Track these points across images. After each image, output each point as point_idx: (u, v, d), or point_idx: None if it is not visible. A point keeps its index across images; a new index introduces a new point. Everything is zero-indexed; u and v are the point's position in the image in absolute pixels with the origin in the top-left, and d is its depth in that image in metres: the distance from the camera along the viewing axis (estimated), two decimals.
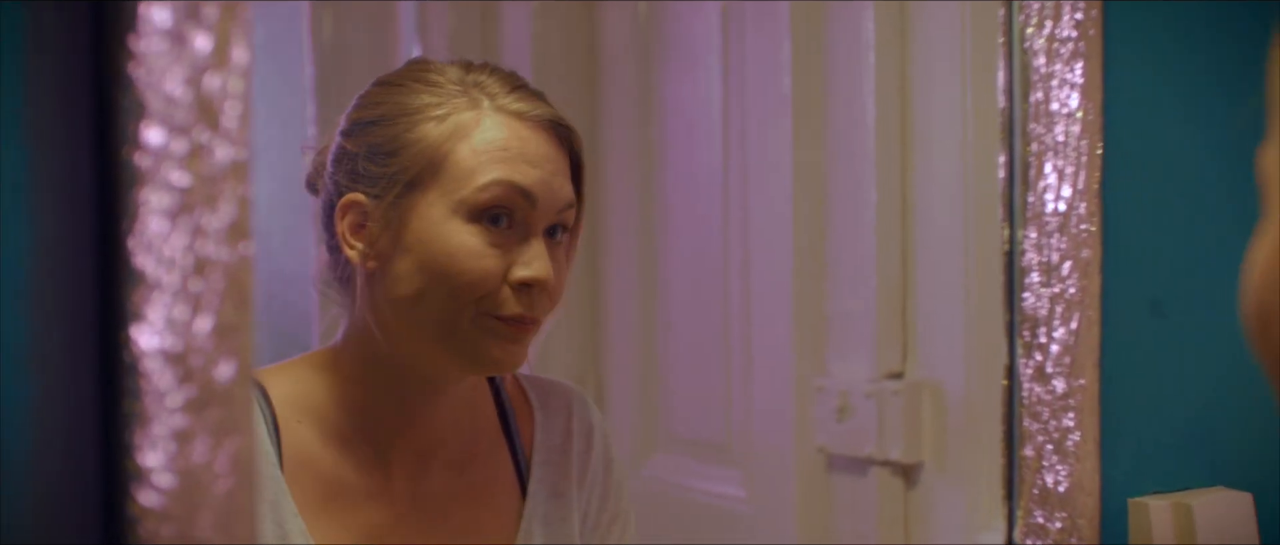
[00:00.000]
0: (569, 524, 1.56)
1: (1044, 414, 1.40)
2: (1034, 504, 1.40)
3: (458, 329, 1.38)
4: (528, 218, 1.39)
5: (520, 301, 1.38)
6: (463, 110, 1.40)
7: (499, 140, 1.39)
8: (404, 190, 1.39)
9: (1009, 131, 1.41)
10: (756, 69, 2.19)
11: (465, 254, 1.37)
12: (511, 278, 1.38)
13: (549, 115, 1.42)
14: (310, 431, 1.45)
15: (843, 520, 2.07)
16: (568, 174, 1.43)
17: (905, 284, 1.95)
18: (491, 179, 1.38)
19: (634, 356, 2.53)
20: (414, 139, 1.40)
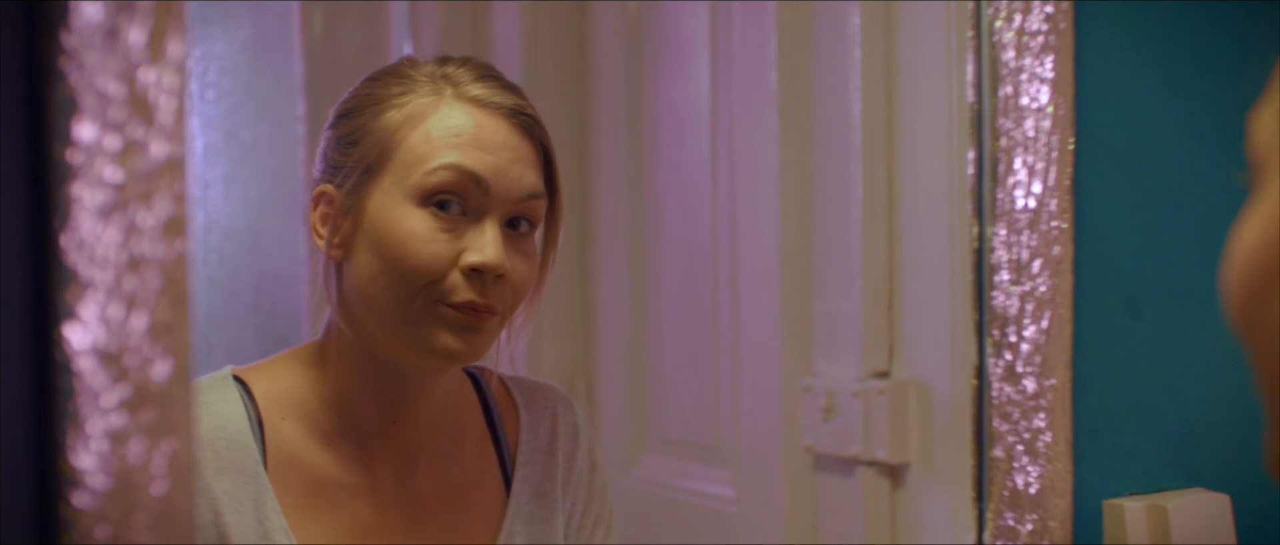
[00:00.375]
0: (552, 524, 1.55)
1: (1014, 414, 1.38)
2: (1004, 506, 1.38)
3: (410, 317, 1.37)
4: (480, 204, 1.38)
5: (471, 288, 1.36)
6: (424, 98, 1.40)
7: (454, 126, 1.38)
8: (362, 178, 1.40)
9: (978, 127, 1.38)
10: (743, 65, 2.18)
11: (413, 239, 1.36)
12: (462, 263, 1.36)
13: (512, 104, 1.41)
14: (295, 428, 1.44)
15: (830, 521, 2.05)
16: (532, 165, 1.42)
17: (891, 283, 1.93)
18: (440, 163, 1.37)
19: (624, 357, 2.52)
20: (374, 127, 1.40)
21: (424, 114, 1.39)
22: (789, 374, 2.10)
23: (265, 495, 1.40)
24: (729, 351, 2.26)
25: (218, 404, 1.43)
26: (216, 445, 1.40)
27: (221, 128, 2.70)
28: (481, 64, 1.45)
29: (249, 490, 1.40)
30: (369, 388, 1.44)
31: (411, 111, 1.39)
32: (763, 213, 2.14)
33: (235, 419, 1.42)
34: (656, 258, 2.45)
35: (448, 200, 1.37)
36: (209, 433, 1.40)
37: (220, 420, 1.42)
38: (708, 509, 2.31)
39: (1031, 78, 1.35)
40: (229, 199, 2.70)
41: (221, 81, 2.69)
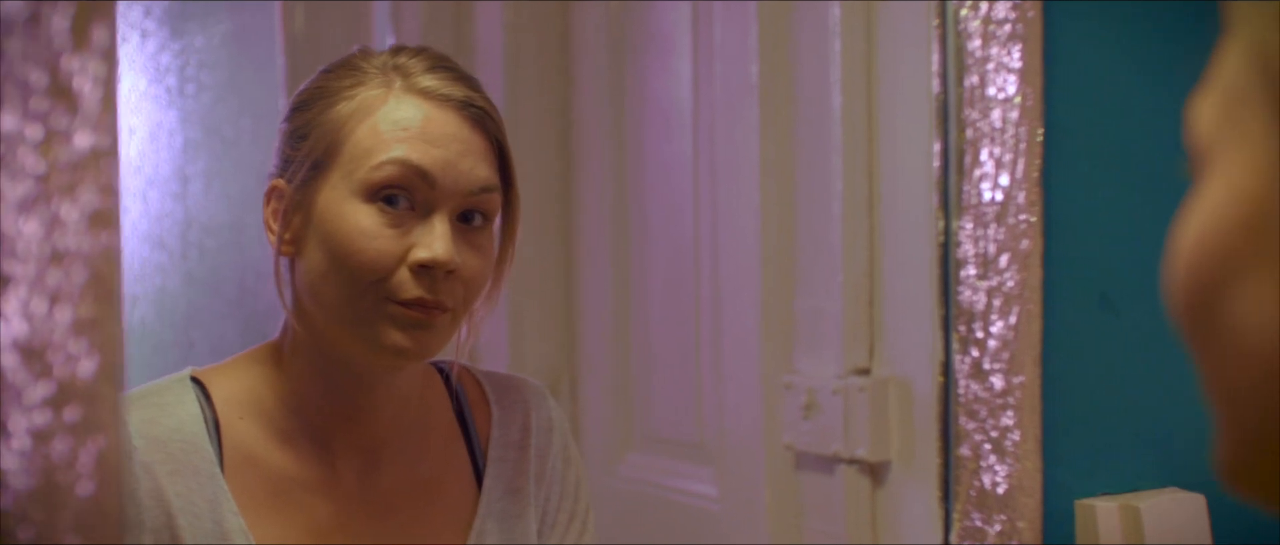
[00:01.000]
0: (525, 521, 1.52)
1: (981, 412, 1.34)
2: (972, 506, 1.35)
3: (359, 314, 1.35)
4: (429, 199, 1.35)
5: (420, 285, 1.34)
6: (373, 90, 1.37)
7: (401, 119, 1.35)
8: (310, 172, 1.37)
9: (943, 118, 1.35)
10: (724, 59, 2.16)
11: (360, 235, 1.33)
12: (410, 260, 1.34)
13: (463, 96, 1.38)
14: (254, 428, 1.42)
15: (812, 520, 2.03)
16: (484, 157, 1.38)
17: (872, 279, 1.90)
18: (386, 157, 1.34)
19: (608, 355, 2.51)
20: (322, 120, 1.38)
21: (372, 107, 1.36)
22: (770, 371, 2.08)
23: (222, 496, 1.38)
24: (711, 349, 2.23)
25: (173, 406, 1.41)
26: (170, 447, 1.38)
27: (202, 123, 2.68)
28: (435, 55, 1.43)
29: (205, 491, 1.38)
30: (325, 385, 1.42)
31: (360, 104, 1.36)
32: (744, 208, 2.12)
33: (190, 420, 1.40)
34: (640, 255, 2.43)
35: (395, 195, 1.34)
36: (163, 434, 1.39)
37: (175, 422, 1.40)
38: (691, 508, 2.30)
39: (998, 67, 1.32)
40: (210, 195, 2.68)
41: (201, 76, 2.68)
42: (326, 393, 1.43)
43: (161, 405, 1.41)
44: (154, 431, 1.38)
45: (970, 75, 1.34)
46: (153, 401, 1.41)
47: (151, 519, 1.36)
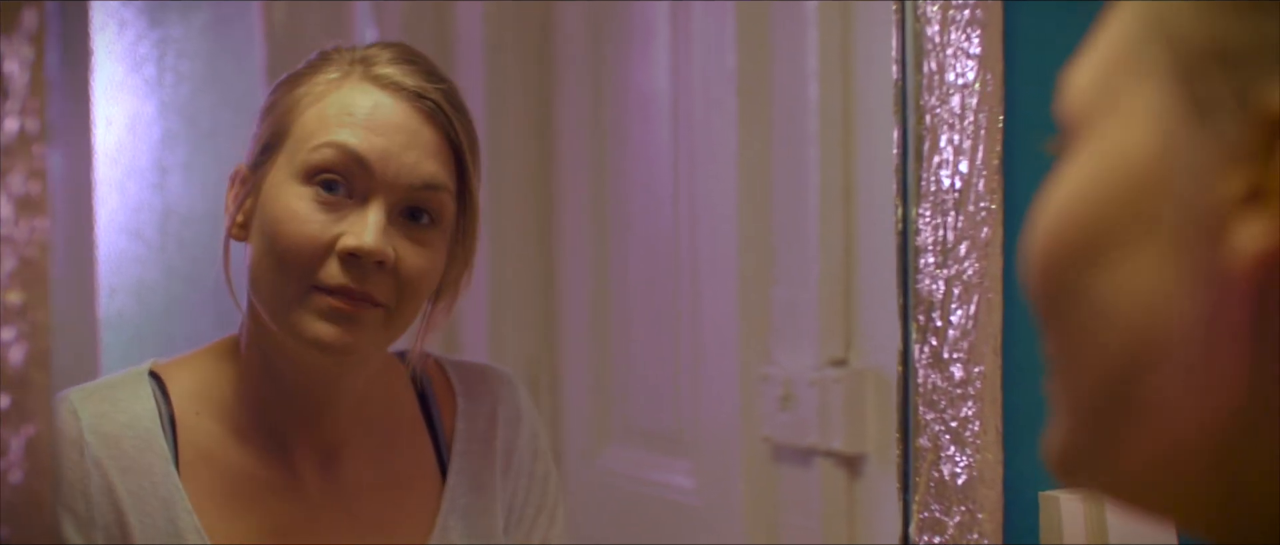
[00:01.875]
0: (490, 516, 1.50)
1: (941, 402, 1.33)
2: (930, 497, 1.33)
3: (285, 302, 1.32)
4: (366, 187, 1.32)
5: (347, 274, 1.30)
6: (331, 75, 1.35)
7: (348, 104, 1.33)
8: (261, 155, 1.36)
9: (901, 104, 1.34)
10: (702, 48, 2.15)
11: (290, 217, 1.31)
12: (338, 247, 1.30)
13: (414, 86, 1.34)
14: (211, 425, 1.40)
15: (789, 513, 2.01)
16: (433, 154, 1.35)
17: (848, 271, 1.89)
18: (323, 140, 1.31)
19: (587, 347, 2.50)
20: (278, 104, 1.37)
21: (325, 92, 1.34)
22: (747, 363, 2.06)
23: (176, 495, 1.36)
24: (690, 340, 2.22)
25: (126, 401, 1.39)
26: (122, 444, 1.36)
27: (181, 114, 2.67)
28: (409, 51, 1.40)
29: (159, 490, 1.36)
30: (280, 381, 1.40)
31: (315, 88, 1.34)
32: (722, 199, 2.10)
33: (144, 416, 1.38)
34: (620, 247, 2.42)
35: (334, 181, 1.31)
36: (115, 430, 1.37)
37: (127, 418, 1.38)
38: (669, 501, 2.28)
39: (958, 53, 1.30)
40: (189, 186, 2.66)
41: (180, 66, 2.66)
42: (282, 389, 1.40)
43: (114, 400, 1.39)
44: (106, 427, 1.36)
45: (929, 61, 1.32)
46: (106, 396, 1.39)
47: (102, 517, 1.35)
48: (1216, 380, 0.58)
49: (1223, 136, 0.57)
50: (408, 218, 1.34)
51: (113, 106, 2.69)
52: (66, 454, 1.34)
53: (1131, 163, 0.61)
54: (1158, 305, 0.59)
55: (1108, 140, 0.62)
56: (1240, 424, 0.58)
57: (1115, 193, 0.61)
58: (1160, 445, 0.60)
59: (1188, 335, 0.58)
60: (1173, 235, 0.59)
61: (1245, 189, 0.56)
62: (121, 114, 2.71)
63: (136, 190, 2.71)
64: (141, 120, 2.72)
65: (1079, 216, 0.62)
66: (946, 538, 1.33)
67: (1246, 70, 0.57)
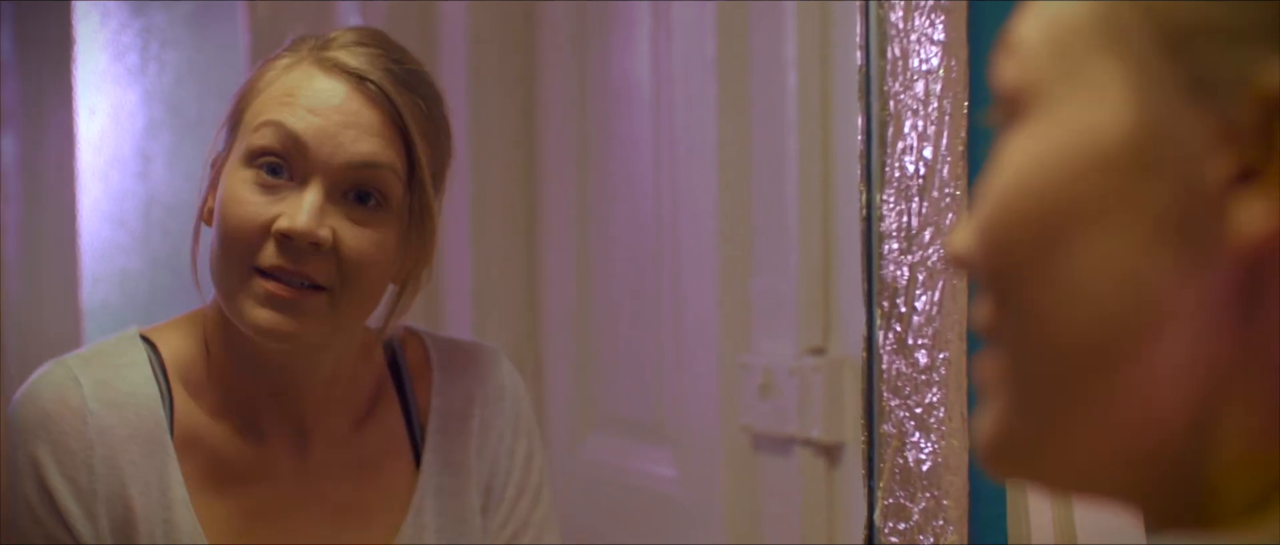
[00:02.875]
0: (464, 497, 1.49)
1: (906, 388, 1.33)
2: (896, 484, 1.33)
3: (229, 285, 1.33)
4: (304, 168, 1.31)
5: (282, 255, 1.30)
6: (284, 61, 1.36)
7: (290, 87, 1.33)
8: (223, 141, 1.38)
9: (865, 90, 1.33)
10: (683, 37, 2.14)
11: (231, 199, 1.32)
12: (273, 228, 1.30)
13: (358, 68, 1.34)
14: (196, 401, 1.41)
15: (769, 501, 2.01)
16: (376, 133, 1.33)
17: (827, 260, 1.89)
18: (262, 120, 1.32)
19: (571, 335, 2.49)
20: (241, 91, 1.38)
21: (275, 78, 1.35)
22: (727, 351, 2.06)
23: (171, 466, 1.37)
24: (671, 329, 2.22)
25: (127, 368, 1.38)
26: (126, 412, 1.36)
27: (164, 102, 2.67)
28: (367, 34, 1.40)
29: (155, 459, 1.36)
30: (245, 362, 1.40)
31: (268, 75, 1.36)
32: (702, 188, 2.10)
33: (144, 383, 1.38)
34: (602, 236, 2.41)
35: (275, 164, 1.31)
36: (119, 398, 1.36)
37: (129, 386, 1.37)
38: (651, 490, 2.28)
39: (922, 38, 1.30)
40: (172, 175, 2.66)
41: (164, 55, 2.66)
42: (249, 372, 1.40)
43: (116, 367, 1.38)
44: (108, 395, 1.36)
45: (893, 46, 1.32)
46: (106, 363, 1.39)
47: (104, 488, 1.34)
48: (1199, 364, 0.57)
49: (1217, 115, 0.55)
50: (355, 199, 1.33)
51: (96, 95, 2.69)
52: (69, 422, 1.34)
53: (1103, 138, 0.58)
54: (1140, 287, 0.57)
55: (1070, 112, 0.59)
56: (1216, 409, 0.57)
57: (1082, 168, 0.58)
58: (1126, 431, 0.58)
59: (1177, 317, 0.56)
60: (1161, 214, 0.56)
61: (1240, 168, 0.55)
62: (105, 103, 2.71)
63: (120, 179, 2.71)
64: (125, 109, 2.72)
65: (1038, 191, 0.59)
66: (911, 524, 1.33)
67: (1246, 48, 0.55)
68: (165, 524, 1.36)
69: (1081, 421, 0.59)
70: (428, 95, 1.38)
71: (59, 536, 1.34)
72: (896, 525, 1.35)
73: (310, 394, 1.43)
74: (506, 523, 1.52)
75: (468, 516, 1.49)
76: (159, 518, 1.36)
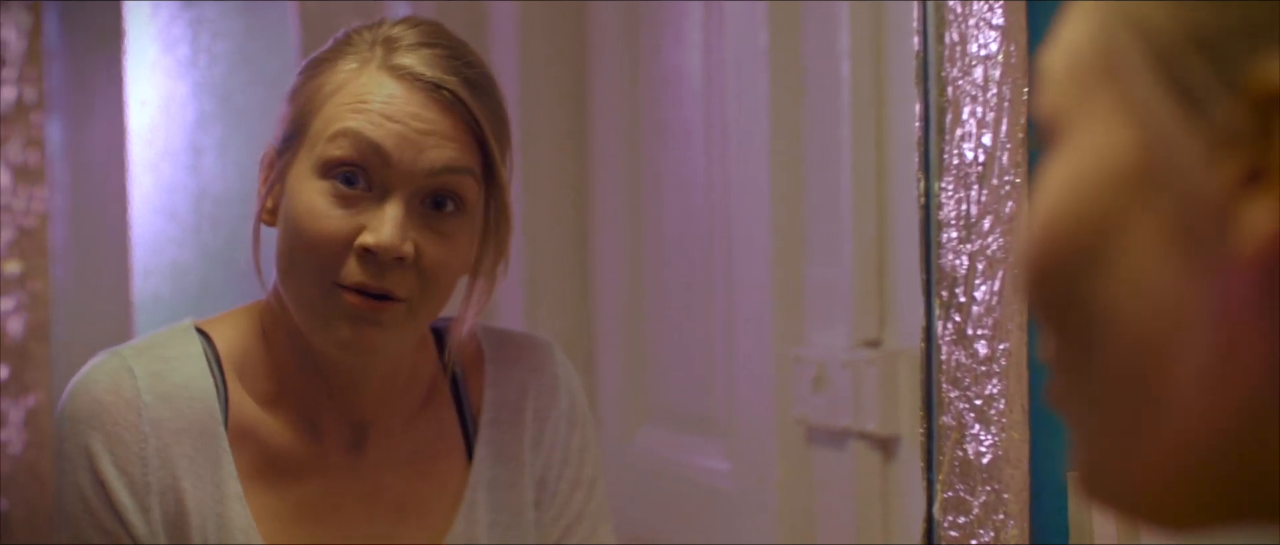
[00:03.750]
0: (518, 490, 1.48)
1: (965, 380, 1.30)
2: (955, 477, 1.30)
3: (308, 300, 1.31)
4: (385, 178, 1.30)
5: (365, 271, 1.28)
6: (350, 64, 1.33)
7: (364, 94, 1.31)
8: (285, 146, 1.35)
9: (923, 76, 1.31)
10: (734, 27, 2.13)
11: (309, 214, 1.29)
12: (356, 243, 1.29)
13: (433, 77, 1.31)
14: (250, 395, 1.40)
15: (823, 495, 1.99)
16: (452, 139, 1.32)
17: (882, 250, 1.86)
18: (340, 129, 1.29)
19: (622, 328, 2.48)
20: (302, 92, 1.35)
21: (344, 83, 1.32)
22: (780, 344, 2.04)
23: (225, 459, 1.36)
24: (723, 321, 2.20)
25: (180, 360, 1.38)
26: (179, 404, 1.36)
27: (215, 93, 2.67)
28: (431, 30, 1.38)
29: (209, 452, 1.36)
30: (305, 361, 1.39)
31: (335, 79, 1.33)
32: (755, 178, 2.08)
33: (198, 376, 1.37)
34: (654, 227, 2.40)
35: (352, 174, 1.29)
36: (171, 390, 1.36)
37: (182, 377, 1.37)
38: (703, 483, 2.27)
39: (980, 23, 1.27)
40: (224, 167, 2.66)
41: (214, 46, 2.66)
42: (307, 368, 1.39)
43: (168, 359, 1.38)
44: (161, 387, 1.36)
45: (950, 31, 1.30)
46: (159, 354, 1.38)
47: (158, 480, 1.34)
48: (1233, 372, 0.56)
49: (1214, 122, 0.55)
50: (432, 206, 1.32)
51: (146, 87, 2.69)
52: (123, 414, 1.34)
53: (1118, 160, 0.59)
54: (1165, 301, 0.57)
55: (1088, 141, 0.60)
56: (1259, 415, 0.56)
57: (1104, 192, 0.59)
58: (1178, 448, 0.58)
59: (1199, 327, 0.56)
60: (1172, 227, 0.57)
61: (1244, 171, 0.55)
62: (155, 95, 2.71)
63: (170, 171, 2.72)
64: (175, 101, 2.72)
65: (1069, 221, 0.60)
66: (971, 518, 1.31)
67: (1229, 52, 0.55)
68: (218, 518, 1.35)
69: (1141, 440, 0.60)
70: (495, 94, 1.37)
71: (112, 528, 1.34)
72: (956, 519, 1.32)
73: (369, 390, 1.42)
74: (560, 516, 1.51)
75: (521, 510, 1.48)
76: (212, 512, 1.35)
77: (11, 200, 0.71)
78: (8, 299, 0.73)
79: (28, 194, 0.71)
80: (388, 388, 1.43)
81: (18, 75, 0.72)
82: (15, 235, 0.73)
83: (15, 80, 0.72)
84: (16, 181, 0.72)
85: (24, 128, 0.71)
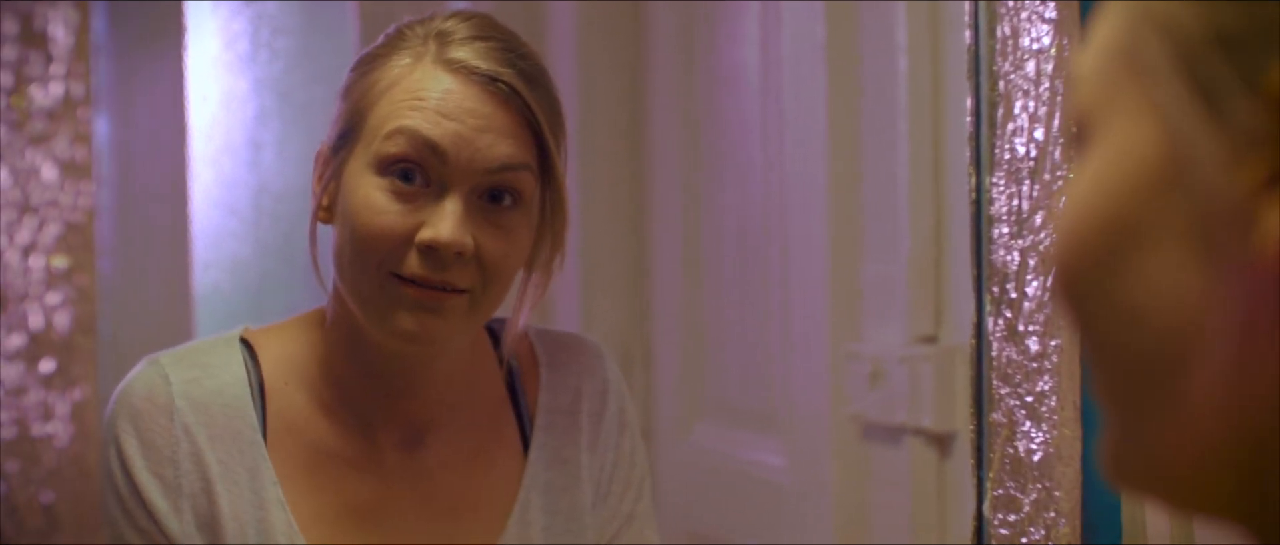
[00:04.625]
0: (573, 493, 1.48)
1: (1016, 376, 1.29)
2: (1005, 474, 1.29)
3: (368, 293, 1.31)
4: (442, 175, 1.29)
5: (426, 265, 1.29)
6: (404, 59, 1.32)
7: (420, 91, 1.30)
8: (341, 141, 1.35)
9: (974, 70, 1.29)
10: (792, 21, 2.12)
11: (367, 209, 1.29)
12: (417, 239, 1.29)
13: (489, 70, 1.31)
14: (298, 396, 1.40)
15: (879, 491, 1.98)
16: (509, 134, 1.31)
17: (939, 245, 1.85)
18: (395, 127, 1.29)
19: (679, 323, 2.48)
20: (356, 88, 1.35)
21: (399, 78, 1.31)
22: (836, 339, 2.03)
23: (262, 464, 1.37)
24: (779, 316, 2.20)
25: (217, 367, 1.39)
26: (211, 411, 1.37)
27: (275, 90, 2.68)
28: (483, 22, 1.37)
29: (246, 459, 1.37)
30: (364, 361, 1.39)
31: (390, 74, 1.32)
32: (811, 173, 2.07)
33: (234, 383, 1.38)
34: (711, 222, 2.40)
35: (409, 170, 1.29)
36: (205, 397, 1.37)
37: (217, 384, 1.38)
38: (760, 479, 2.26)
39: (1032, 17, 1.26)
40: (283, 162, 2.67)
41: (274, 42, 2.67)
42: (366, 369, 1.40)
43: (205, 366, 1.39)
44: (196, 393, 1.37)
45: (1002, 25, 1.28)
46: (196, 361, 1.40)
47: (190, 484, 1.35)
48: (1253, 373, 0.56)
49: (1235, 123, 0.55)
50: (490, 200, 1.32)
51: (206, 83, 2.71)
52: (156, 419, 1.35)
53: (1143, 161, 0.59)
54: (1186, 302, 0.57)
55: (1115, 140, 0.60)
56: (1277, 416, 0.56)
57: (1129, 192, 0.59)
58: (1200, 443, 0.58)
59: (1220, 330, 0.56)
60: (1194, 229, 0.57)
61: (1265, 174, 0.54)
62: (215, 90, 2.73)
63: (231, 166, 2.73)
64: (236, 96, 2.74)
65: (1096, 219, 0.60)
66: (1022, 516, 1.29)
67: (1251, 53, 0.55)
68: (259, 523, 1.36)
69: (1162, 435, 0.60)
70: (550, 86, 1.37)
71: (147, 528, 1.36)
72: (1006, 517, 1.31)
73: (429, 391, 1.42)
74: (613, 517, 1.51)
75: (576, 514, 1.47)
76: (251, 518, 1.36)
77: (58, 195, 0.72)
78: (54, 294, 0.74)
79: (75, 189, 0.72)
80: (445, 388, 1.43)
81: (66, 72, 0.73)
82: (62, 230, 0.73)
83: (63, 77, 0.72)
84: (63, 177, 0.73)
85: (71, 123, 0.72)
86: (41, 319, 0.81)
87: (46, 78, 0.80)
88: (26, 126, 0.79)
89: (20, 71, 0.78)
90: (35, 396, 0.81)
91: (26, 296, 0.81)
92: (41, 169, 0.79)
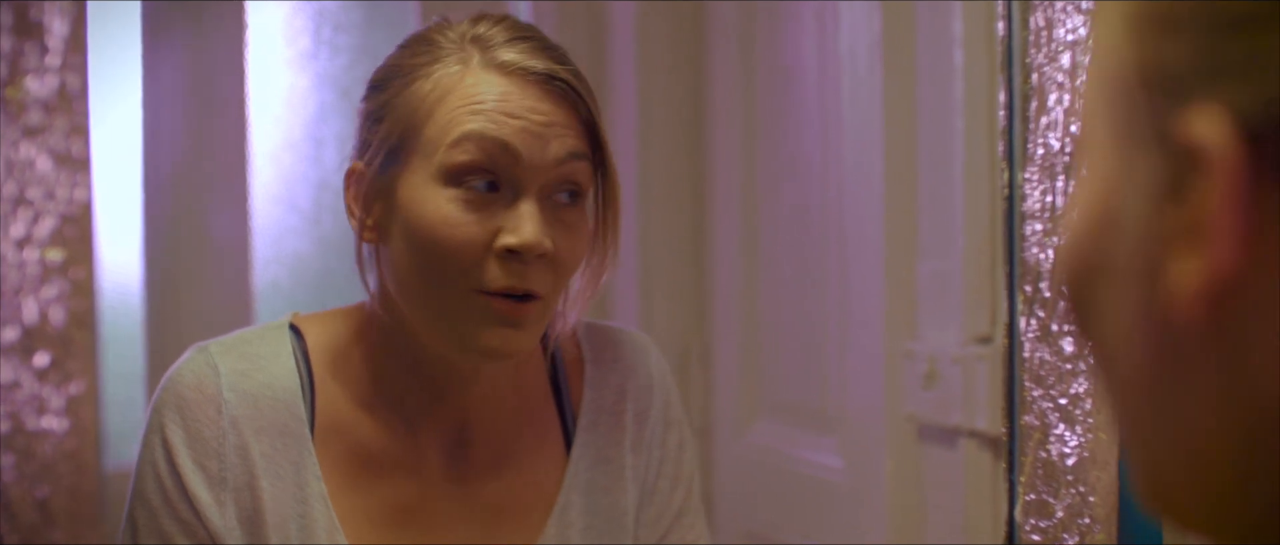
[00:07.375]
0: (615, 494, 1.46)
1: (1049, 378, 1.25)
2: (1037, 479, 1.26)
3: (448, 311, 1.28)
4: (516, 176, 1.27)
5: (509, 272, 1.26)
6: (450, 67, 1.29)
7: (477, 94, 1.27)
8: (388, 158, 1.30)
9: (1007, 61, 1.26)
10: (849, 16, 2.09)
11: (442, 223, 1.26)
12: (497, 245, 1.26)
13: (545, 68, 1.29)
14: (343, 392, 1.38)
15: (934, 492, 1.95)
16: (569, 129, 1.29)
17: (995, 243, 1.82)
18: (462, 134, 1.26)
19: (738, 321, 2.46)
20: (398, 103, 1.30)
21: (450, 86, 1.28)
22: (892, 339, 2.01)
23: (308, 460, 1.35)
24: (837, 315, 2.17)
25: (267, 359, 1.37)
26: (261, 403, 1.35)
27: (335, 86, 2.68)
28: (516, 24, 1.34)
29: (290, 453, 1.35)
30: (409, 367, 1.37)
31: (437, 83, 1.28)
32: (868, 171, 2.05)
33: (284, 376, 1.36)
34: (769, 221, 2.38)
35: (481, 176, 1.27)
36: (254, 389, 1.35)
37: (267, 377, 1.36)
38: (815, 478, 2.24)
39: (1067, 7, 1.22)
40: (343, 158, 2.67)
41: (336, 39, 2.67)
42: (410, 374, 1.37)
43: (255, 357, 1.37)
44: (245, 385, 1.35)
45: (1036, 15, 1.25)
46: (246, 352, 1.38)
47: (234, 477, 1.34)
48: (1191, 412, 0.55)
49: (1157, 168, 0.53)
50: (554, 198, 1.30)
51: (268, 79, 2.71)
52: (204, 409, 1.34)
53: (1097, 192, 0.58)
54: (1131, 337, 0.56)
55: (1090, 168, 0.59)
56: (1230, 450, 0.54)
57: (1092, 222, 0.58)
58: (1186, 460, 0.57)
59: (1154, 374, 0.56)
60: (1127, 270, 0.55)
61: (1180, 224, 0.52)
62: (277, 87, 2.73)
63: (292, 162, 2.74)
64: (297, 93, 2.74)
65: (1078, 242, 0.59)
66: (1054, 522, 1.26)
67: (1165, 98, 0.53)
68: (300, 519, 1.34)
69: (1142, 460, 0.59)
70: (585, 78, 1.35)
71: (187, 518, 1.34)
72: (1038, 523, 1.28)
73: (472, 395, 1.40)
74: (662, 514, 1.49)
75: (617, 514, 1.45)
76: (293, 512, 1.34)
77: (54, 188, 0.71)
78: (49, 287, 0.73)
79: (71, 182, 0.71)
80: (493, 389, 1.41)
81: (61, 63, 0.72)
82: (58, 223, 0.73)
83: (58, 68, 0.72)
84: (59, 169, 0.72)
85: (67, 115, 0.71)
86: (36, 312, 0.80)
87: (42, 69, 0.79)
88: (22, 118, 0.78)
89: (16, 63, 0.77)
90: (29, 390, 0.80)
91: (21, 289, 0.80)
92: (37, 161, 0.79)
